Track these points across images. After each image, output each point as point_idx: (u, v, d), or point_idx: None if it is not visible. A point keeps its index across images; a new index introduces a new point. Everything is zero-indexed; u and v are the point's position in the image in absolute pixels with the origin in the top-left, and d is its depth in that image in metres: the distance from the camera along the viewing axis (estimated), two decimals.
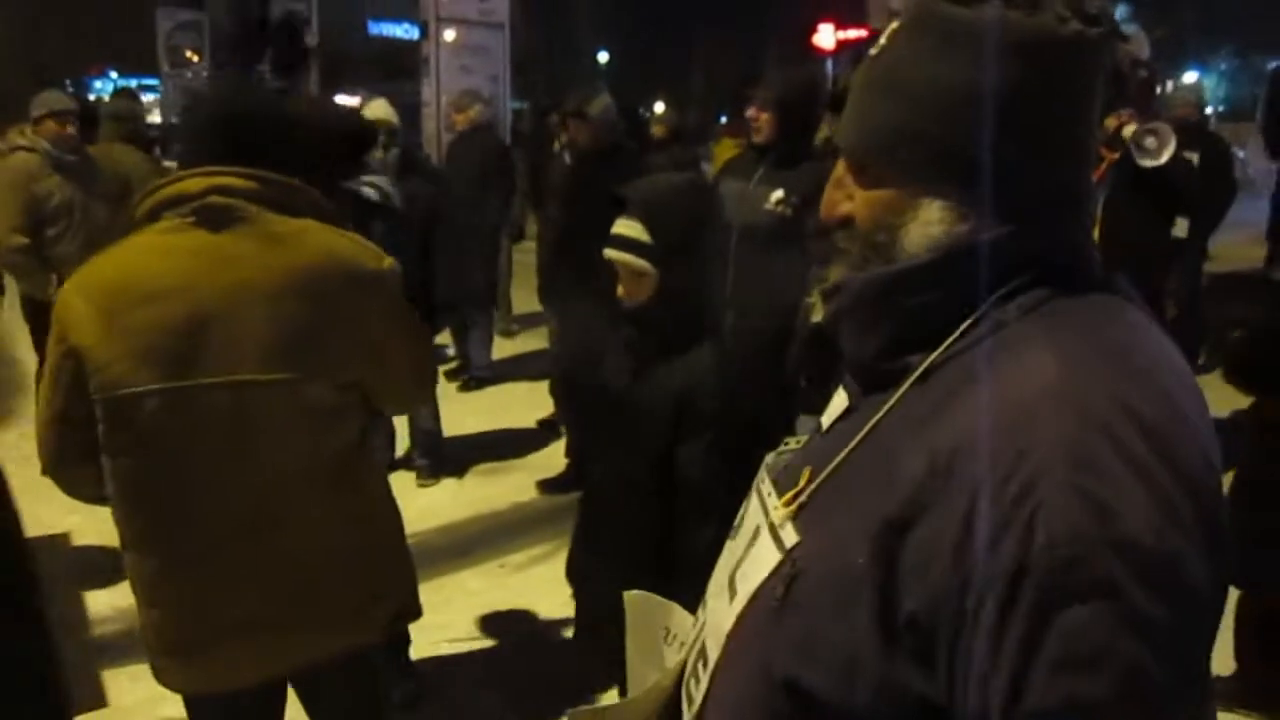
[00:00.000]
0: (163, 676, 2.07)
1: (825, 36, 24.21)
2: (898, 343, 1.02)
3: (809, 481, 1.07)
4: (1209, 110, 27.34)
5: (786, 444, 1.25)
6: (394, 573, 2.21)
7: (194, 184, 1.92)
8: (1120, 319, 0.98)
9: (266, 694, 2.12)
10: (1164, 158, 3.83)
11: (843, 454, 1.03)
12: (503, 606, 4.10)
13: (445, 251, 4.68)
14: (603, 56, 42.07)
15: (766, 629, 1.05)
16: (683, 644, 1.30)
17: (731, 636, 1.11)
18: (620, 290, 2.32)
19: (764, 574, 1.07)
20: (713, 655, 1.14)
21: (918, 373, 0.98)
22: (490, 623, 3.99)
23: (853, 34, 22.93)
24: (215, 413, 1.89)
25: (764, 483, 1.18)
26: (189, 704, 2.13)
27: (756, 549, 1.11)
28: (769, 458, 1.23)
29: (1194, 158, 5.32)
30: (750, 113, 4.37)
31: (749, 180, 4.18)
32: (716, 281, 2.44)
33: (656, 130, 7.81)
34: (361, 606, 2.11)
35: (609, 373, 2.48)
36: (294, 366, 1.92)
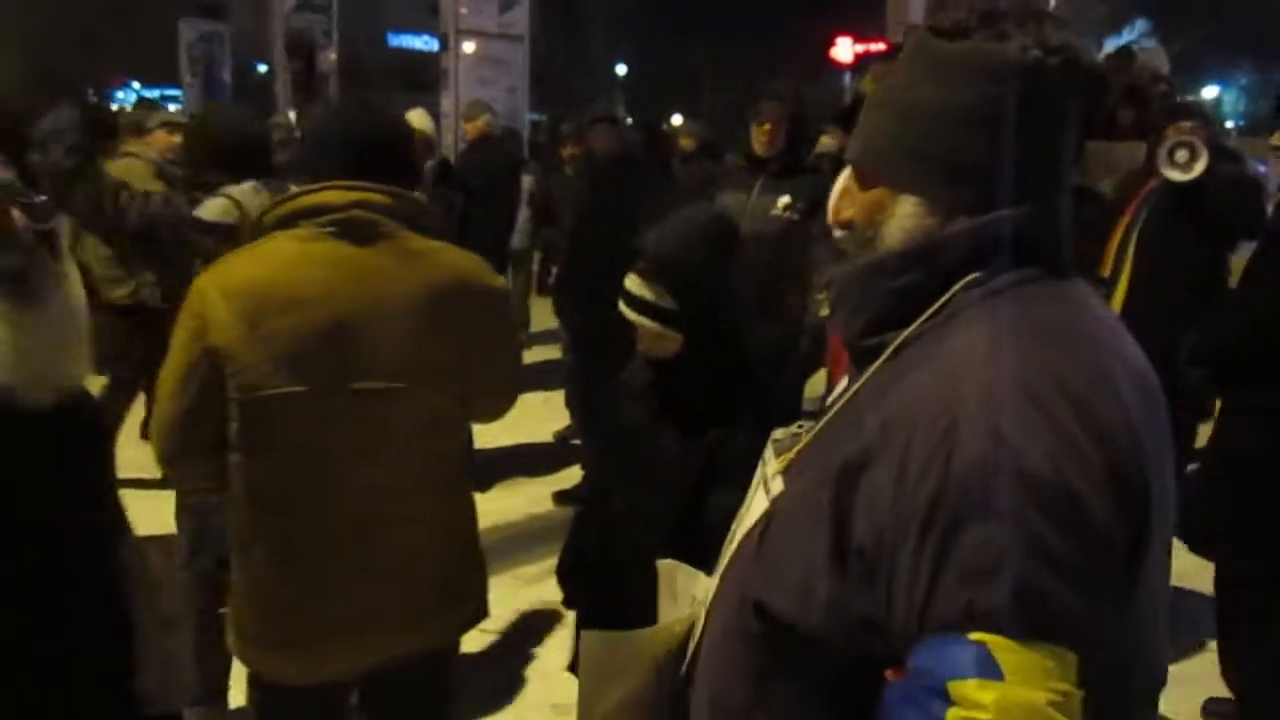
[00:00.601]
0: (258, 666, 2.13)
1: (843, 50, 24.24)
2: (876, 323, 1.16)
3: (802, 445, 1.25)
4: (1229, 125, 27.23)
5: (801, 426, 1.37)
6: (476, 577, 2.30)
7: (336, 197, 1.99)
8: (1068, 301, 1.12)
9: (341, 688, 2.21)
10: (1196, 171, 3.73)
11: (826, 418, 1.21)
12: (516, 619, 4.10)
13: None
14: (620, 69, 42.21)
15: (747, 564, 1.23)
16: (702, 603, 1.43)
17: (723, 576, 1.30)
18: (641, 344, 2.25)
19: (753, 521, 1.25)
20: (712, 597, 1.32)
21: (890, 348, 1.14)
22: (503, 634, 3.99)
23: (872, 47, 22.93)
24: (346, 417, 1.98)
25: (768, 450, 1.34)
26: (262, 689, 2.17)
27: (752, 504, 1.29)
28: (777, 432, 1.37)
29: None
30: (760, 124, 4.40)
31: (749, 192, 4.25)
32: (748, 324, 2.32)
33: (684, 143, 7.79)
34: (445, 608, 2.20)
35: (628, 409, 2.40)
36: (421, 376, 2.03)
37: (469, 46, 10.83)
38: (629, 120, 5.51)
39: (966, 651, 0.95)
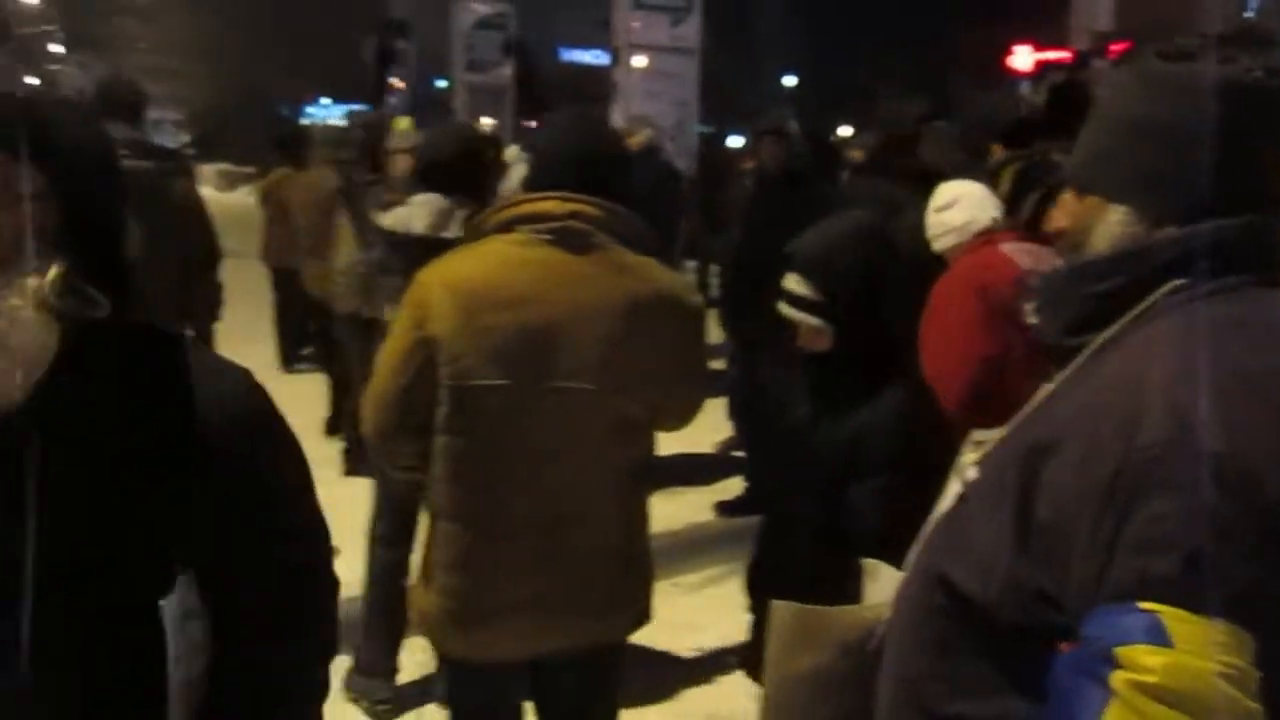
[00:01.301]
0: (443, 642, 2.29)
1: (1022, 58, 23.48)
2: (1079, 323, 1.22)
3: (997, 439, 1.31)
4: None
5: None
6: (644, 581, 2.40)
7: (555, 206, 2.17)
8: (1267, 303, 1.16)
9: (518, 674, 2.34)
10: None
11: (1023, 413, 1.27)
12: (674, 626, 4.14)
13: None
14: (789, 80, 41.96)
15: (936, 540, 1.31)
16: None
17: (914, 560, 1.38)
18: (799, 340, 2.42)
19: (945, 507, 1.33)
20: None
21: (1090, 348, 1.19)
22: (660, 641, 4.04)
23: (1052, 55, 22.17)
24: (543, 413, 2.14)
25: (966, 445, 1.46)
26: (452, 671, 2.34)
27: (947, 494, 1.38)
28: (978, 434, 1.48)
29: None
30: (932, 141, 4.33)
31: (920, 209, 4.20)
32: (904, 321, 2.48)
33: (854, 154, 7.71)
34: (615, 607, 2.31)
35: (789, 412, 2.55)
36: (616, 381, 2.16)
37: (640, 60, 11.00)
38: (799, 132, 5.48)
39: (1138, 619, 0.99)
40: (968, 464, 1.34)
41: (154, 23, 46.91)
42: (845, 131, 15.21)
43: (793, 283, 2.37)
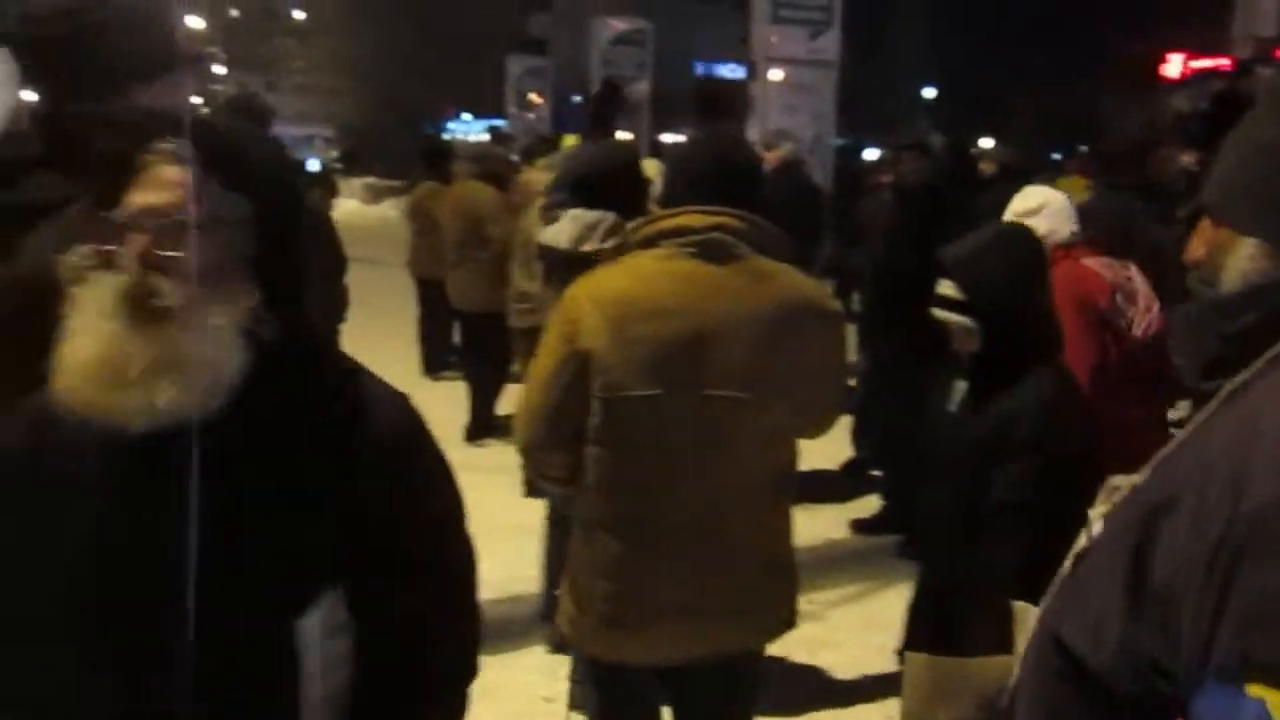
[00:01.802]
0: (596, 645, 2.35)
1: (1174, 66, 22.54)
2: (1213, 366, 1.12)
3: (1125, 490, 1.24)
4: None
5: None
6: (788, 586, 2.44)
7: (697, 220, 2.24)
8: None
9: (661, 679, 2.40)
10: None
11: (1151, 463, 1.16)
12: (808, 643, 4.10)
13: None
14: (929, 92, 41.19)
15: (1056, 598, 1.25)
16: None
17: (1040, 615, 1.31)
18: (953, 342, 2.54)
19: (1069, 561, 1.25)
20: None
21: (1223, 393, 1.08)
22: (796, 657, 4.01)
23: (1207, 63, 21.21)
24: (695, 421, 2.20)
25: (1100, 495, 1.36)
26: (598, 675, 2.40)
27: (1075, 547, 1.30)
28: (1115, 479, 1.36)
29: None
30: None
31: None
32: (1047, 317, 2.57)
33: (984, 166, 7.58)
34: (765, 611, 2.37)
35: (933, 413, 2.69)
36: (765, 388, 2.22)
37: (777, 74, 10.96)
38: (941, 146, 5.38)
39: (1244, 705, 0.92)
40: (1096, 517, 1.26)
41: (308, 44, 49.07)
42: (986, 143, 14.87)
43: (944, 287, 2.50)
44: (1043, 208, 3.41)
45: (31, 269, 1.47)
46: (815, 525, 5.34)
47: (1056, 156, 17.61)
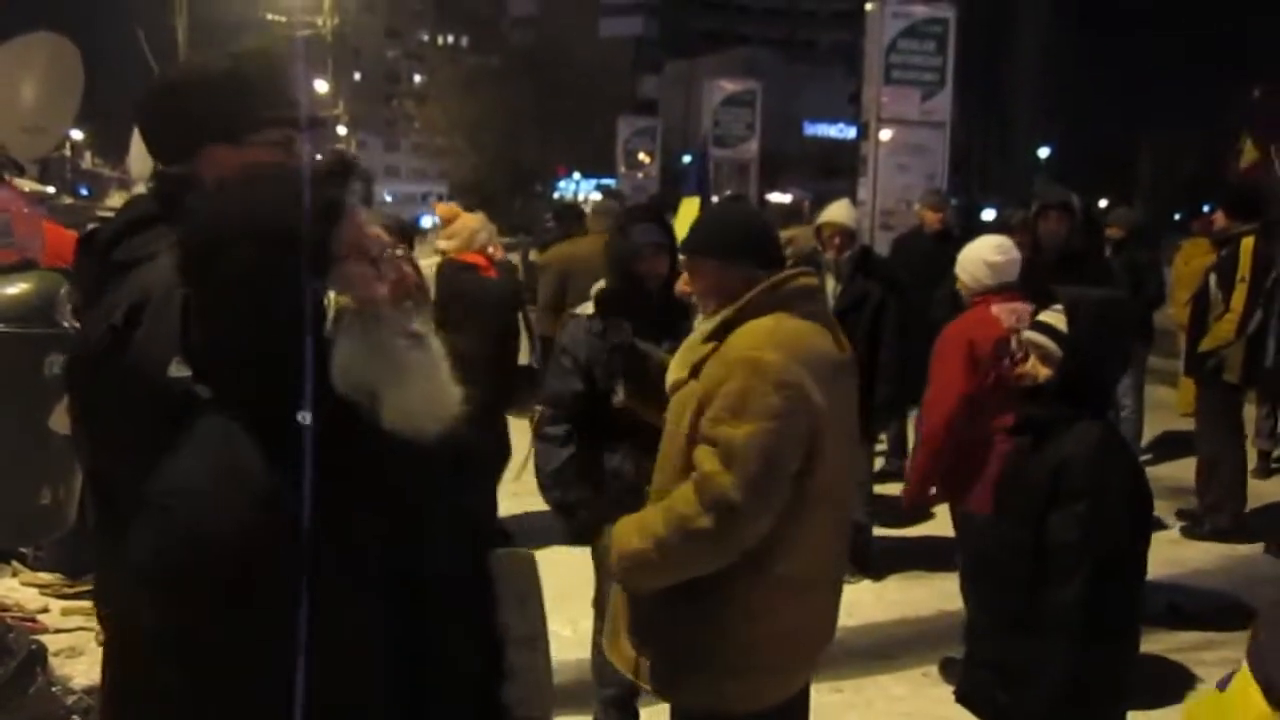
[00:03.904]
0: (762, 688, 2.37)
1: None
2: None
3: None
4: None
5: None
6: None
7: (812, 281, 2.47)
8: None
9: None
10: None
11: None
12: (926, 716, 3.96)
13: (892, 351, 4.70)
14: (1043, 152, 40.51)
15: (1265, 641, 1.21)
16: None
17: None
18: (1028, 368, 2.73)
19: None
20: None
21: None
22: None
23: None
24: (844, 471, 2.50)
25: None
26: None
27: None
28: None
29: None
30: None
31: None
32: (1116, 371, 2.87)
33: (1112, 231, 7.32)
34: None
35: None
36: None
37: (887, 134, 10.90)
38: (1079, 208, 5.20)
39: None
40: None
41: (425, 105, 50.79)
42: (1101, 203, 14.53)
43: (1049, 315, 2.71)
44: (963, 262, 4.07)
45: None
46: (926, 593, 5.19)
47: (1178, 216, 17.09)
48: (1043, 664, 2.52)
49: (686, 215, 6.65)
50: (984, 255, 3.98)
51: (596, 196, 15.11)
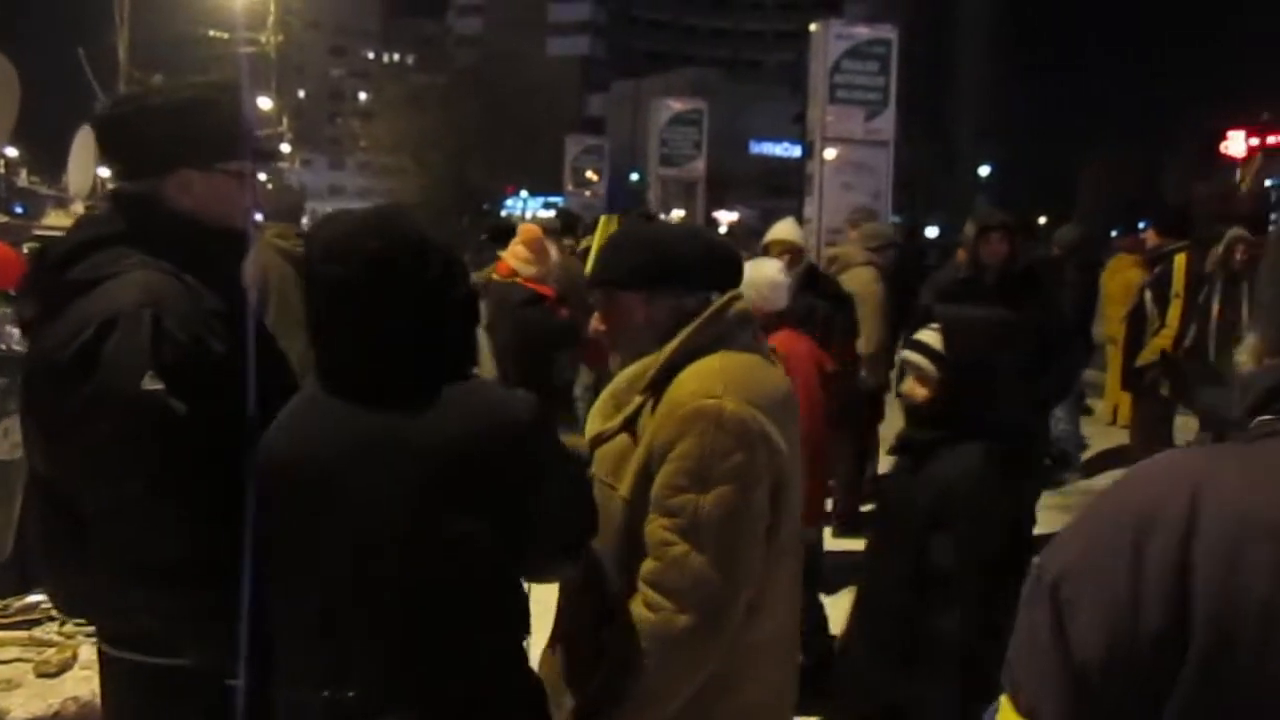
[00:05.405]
0: None
1: (1236, 144, 22.39)
2: None
3: None
4: None
5: None
6: None
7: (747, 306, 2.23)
8: None
9: None
10: None
11: None
12: None
13: (838, 364, 4.75)
14: (984, 170, 41.25)
15: None
16: None
17: None
18: (906, 386, 2.66)
19: None
20: None
21: None
22: None
23: (1270, 139, 21.05)
24: None
25: None
26: None
27: None
28: None
29: None
30: None
31: None
32: (1004, 394, 2.67)
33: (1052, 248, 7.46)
34: None
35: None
36: None
37: (832, 153, 11.04)
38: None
39: None
40: None
41: (371, 123, 50.48)
42: (1040, 220, 14.78)
43: (925, 334, 2.63)
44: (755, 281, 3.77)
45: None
46: None
47: (1115, 233, 17.46)
48: (925, 703, 2.38)
49: (604, 236, 6.57)
50: (771, 276, 3.87)
51: (544, 214, 15.08)
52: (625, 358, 2.09)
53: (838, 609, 5.11)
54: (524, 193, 42.20)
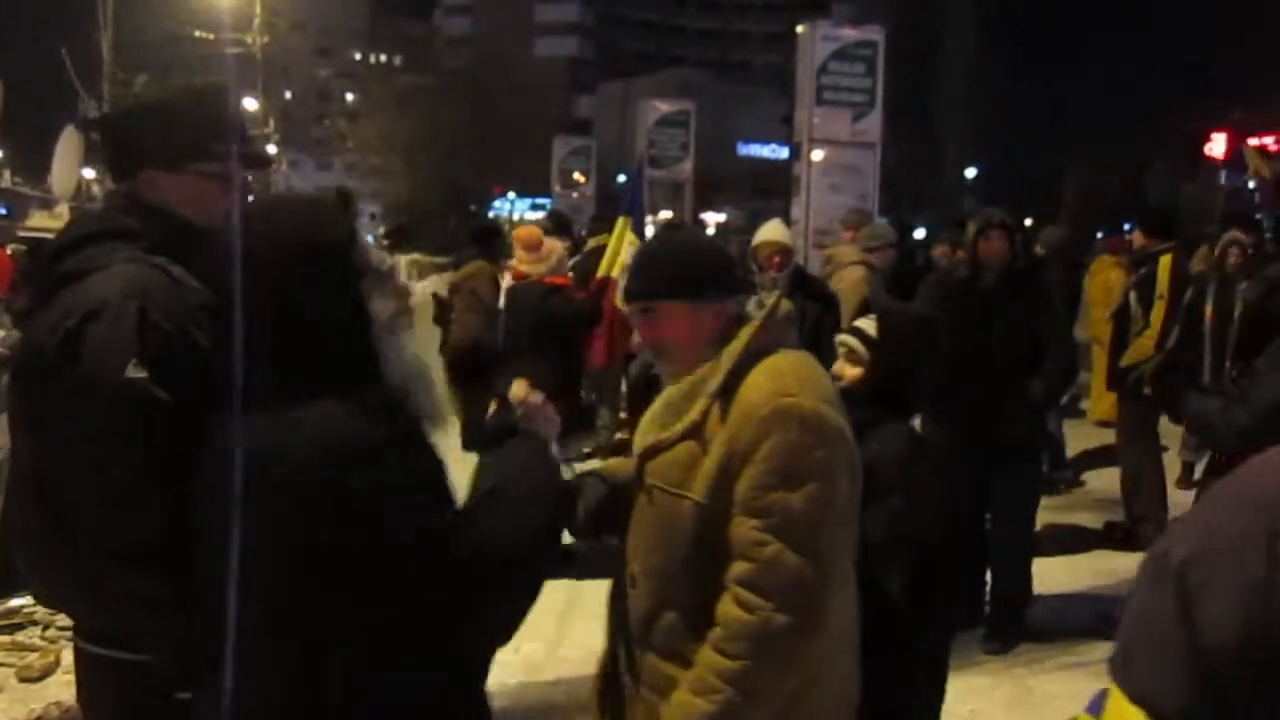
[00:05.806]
0: None
1: (1218, 146, 22.53)
2: None
3: None
4: None
5: None
6: None
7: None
8: None
9: None
10: None
11: None
12: None
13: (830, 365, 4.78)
14: (970, 172, 41.35)
15: None
16: None
17: None
18: (835, 367, 2.73)
19: None
20: None
21: None
22: None
23: (1254, 141, 21.16)
24: None
25: None
26: None
27: None
28: None
29: None
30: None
31: None
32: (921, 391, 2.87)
33: (1036, 250, 7.50)
34: None
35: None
36: None
37: (819, 154, 11.05)
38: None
39: None
40: None
41: (358, 125, 50.38)
42: (1025, 222, 14.79)
43: (864, 323, 2.79)
44: None
45: None
46: None
47: (1100, 235, 17.53)
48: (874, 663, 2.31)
49: (620, 237, 6.58)
50: None
51: (531, 215, 15.04)
52: (677, 368, 2.10)
53: None
54: (511, 194, 42.17)
